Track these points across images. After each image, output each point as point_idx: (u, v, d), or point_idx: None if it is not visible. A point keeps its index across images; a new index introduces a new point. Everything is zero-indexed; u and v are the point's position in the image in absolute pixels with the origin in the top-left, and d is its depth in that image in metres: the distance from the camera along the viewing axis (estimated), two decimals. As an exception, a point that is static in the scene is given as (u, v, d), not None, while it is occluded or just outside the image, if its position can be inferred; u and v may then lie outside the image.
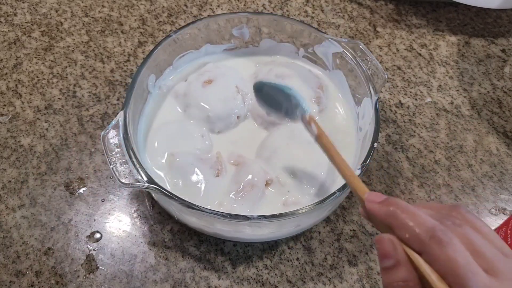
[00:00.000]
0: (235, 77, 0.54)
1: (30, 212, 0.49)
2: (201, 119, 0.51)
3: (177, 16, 0.67)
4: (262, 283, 0.47)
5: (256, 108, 0.52)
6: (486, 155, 0.56)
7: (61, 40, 0.63)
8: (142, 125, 0.51)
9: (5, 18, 0.65)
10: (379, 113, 0.47)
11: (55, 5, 0.67)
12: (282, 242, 0.49)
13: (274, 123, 0.51)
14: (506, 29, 0.69)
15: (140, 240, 0.48)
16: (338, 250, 0.49)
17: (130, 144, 0.43)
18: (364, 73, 0.50)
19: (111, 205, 0.50)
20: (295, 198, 0.46)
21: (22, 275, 0.46)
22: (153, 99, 0.53)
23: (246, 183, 0.46)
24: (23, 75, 0.59)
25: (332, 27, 0.67)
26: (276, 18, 0.55)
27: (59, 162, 0.53)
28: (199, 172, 0.47)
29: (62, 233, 0.48)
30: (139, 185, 0.41)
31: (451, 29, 0.68)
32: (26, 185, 0.51)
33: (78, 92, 0.58)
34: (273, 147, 0.49)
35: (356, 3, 0.70)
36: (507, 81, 0.63)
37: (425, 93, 0.61)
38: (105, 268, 0.46)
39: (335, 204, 0.47)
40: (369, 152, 0.44)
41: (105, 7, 0.67)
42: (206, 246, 0.48)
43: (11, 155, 0.53)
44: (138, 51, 0.63)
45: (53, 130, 0.55)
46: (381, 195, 0.31)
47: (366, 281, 0.47)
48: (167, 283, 0.46)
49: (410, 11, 0.70)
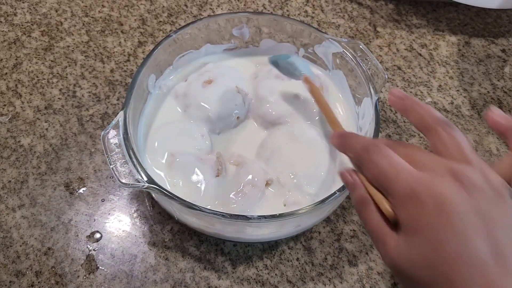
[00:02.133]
0: (235, 77, 0.54)
1: (30, 212, 0.49)
2: (201, 119, 0.51)
3: (177, 16, 0.67)
4: (262, 283, 0.46)
5: (255, 108, 0.53)
6: (486, 155, 0.56)
7: (61, 40, 0.63)
8: (142, 125, 0.51)
9: (5, 18, 0.65)
10: (379, 113, 0.47)
11: (55, 5, 0.67)
12: (282, 242, 0.49)
13: (274, 123, 0.51)
14: (506, 29, 0.69)
15: (140, 240, 0.48)
16: (338, 250, 0.49)
17: (130, 144, 0.43)
18: (364, 73, 0.50)
19: (111, 205, 0.50)
20: (295, 198, 0.46)
21: (22, 275, 0.46)
22: (153, 99, 0.53)
23: (246, 183, 0.46)
24: (23, 75, 0.59)
25: (332, 27, 0.67)
26: (276, 18, 0.55)
27: (59, 162, 0.53)
28: (199, 172, 0.47)
29: (62, 233, 0.48)
30: (139, 185, 0.41)
31: (451, 29, 0.68)
32: (26, 185, 0.51)
33: (78, 92, 0.58)
34: (273, 147, 0.49)
35: (356, 3, 0.70)
36: (507, 81, 0.63)
37: (425, 93, 0.61)
38: (105, 268, 0.46)
39: (335, 204, 0.47)
40: (369, 152, 0.44)
41: (105, 7, 0.67)
42: (206, 246, 0.48)
43: (11, 155, 0.53)
44: (138, 51, 0.62)
45: (53, 130, 0.55)
46: (342, 132, 0.38)
47: (366, 281, 0.47)
48: (167, 283, 0.46)
49: (410, 11, 0.70)
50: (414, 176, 0.29)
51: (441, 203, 0.28)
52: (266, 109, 0.52)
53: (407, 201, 0.29)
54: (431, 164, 0.30)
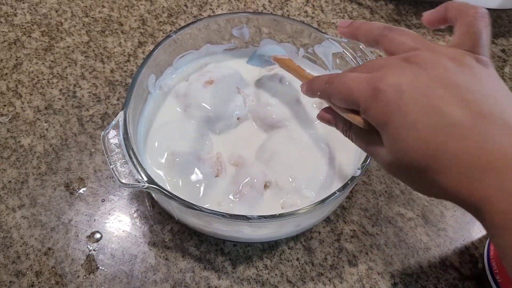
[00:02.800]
0: (236, 78, 0.54)
1: (30, 212, 0.49)
2: (201, 119, 0.51)
3: (177, 16, 0.67)
4: (262, 283, 0.47)
5: (256, 110, 0.53)
6: (486, 155, 0.56)
7: (61, 40, 0.63)
8: (142, 125, 0.51)
9: (5, 18, 0.65)
10: (379, 113, 0.47)
11: (55, 5, 0.67)
12: (282, 242, 0.49)
13: (273, 126, 0.51)
14: (506, 29, 0.69)
15: (140, 240, 0.48)
16: (338, 250, 0.49)
17: (130, 144, 0.43)
18: (364, 73, 0.50)
19: (111, 205, 0.50)
20: (293, 201, 0.46)
21: (22, 275, 0.46)
22: (153, 99, 0.53)
23: (245, 184, 0.46)
24: (23, 75, 0.59)
25: (332, 27, 0.67)
26: (276, 18, 0.55)
27: (59, 162, 0.53)
28: (198, 172, 0.47)
29: (62, 233, 0.48)
30: (139, 185, 0.41)
31: (451, 29, 0.68)
32: (26, 185, 0.51)
33: (78, 92, 0.58)
34: (272, 150, 0.49)
35: (356, 3, 0.70)
36: (507, 81, 0.63)
37: (425, 93, 0.61)
38: (105, 268, 0.46)
39: (335, 204, 0.47)
40: (369, 152, 0.44)
41: (105, 7, 0.67)
42: (206, 246, 0.48)
43: (11, 155, 0.53)
44: (138, 51, 0.63)
45: (53, 130, 0.55)
46: (309, 79, 0.40)
47: (366, 281, 0.47)
48: (167, 283, 0.46)
49: (410, 11, 0.70)
50: (371, 78, 0.30)
51: (399, 86, 0.28)
52: (267, 112, 0.52)
53: (371, 102, 0.30)
54: (386, 62, 0.31)
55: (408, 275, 0.48)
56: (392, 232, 0.50)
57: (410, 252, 0.49)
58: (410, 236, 0.50)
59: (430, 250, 0.49)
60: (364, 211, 0.51)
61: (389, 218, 0.51)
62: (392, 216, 0.51)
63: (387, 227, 0.50)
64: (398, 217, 0.51)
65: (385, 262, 0.48)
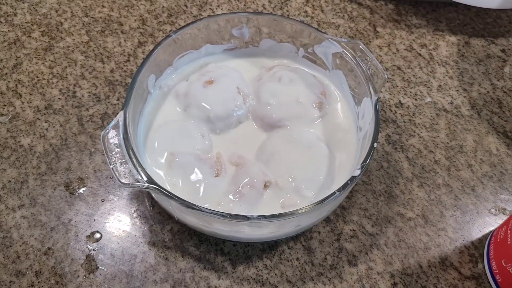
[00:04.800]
0: (237, 78, 0.54)
1: (30, 212, 0.49)
2: (201, 119, 0.51)
3: (177, 16, 0.67)
4: (262, 283, 0.47)
5: (256, 110, 0.53)
6: (486, 155, 0.56)
7: (61, 40, 0.63)
8: (142, 125, 0.51)
9: (5, 18, 0.65)
10: (379, 113, 0.47)
11: (55, 5, 0.67)
12: (282, 242, 0.49)
13: (273, 126, 0.51)
14: (506, 29, 0.69)
15: (140, 240, 0.48)
16: (338, 250, 0.49)
17: (130, 144, 0.43)
18: (364, 73, 0.50)
19: (111, 205, 0.50)
20: (293, 201, 0.46)
21: (22, 275, 0.46)
22: (153, 99, 0.53)
23: (245, 184, 0.46)
24: (23, 75, 0.59)
25: (332, 27, 0.67)
26: (276, 18, 0.55)
27: (59, 162, 0.53)
28: (198, 172, 0.47)
29: (62, 233, 0.48)
30: (139, 185, 0.41)
31: (451, 29, 0.68)
32: (26, 185, 0.51)
33: (78, 92, 0.58)
34: (272, 150, 0.49)
35: (356, 3, 0.70)
36: (507, 81, 0.63)
37: (425, 93, 0.61)
38: (105, 268, 0.46)
39: (335, 204, 0.47)
40: (369, 152, 0.44)
41: (105, 7, 0.67)
42: (206, 246, 0.48)
43: (11, 155, 0.53)
44: (138, 51, 0.63)
45: (53, 130, 0.55)
46: None
47: (366, 281, 0.47)
48: (167, 283, 0.46)
49: (410, 11, 0.70)
50: None
51: None
52: (267, 111, 0.52)
53: None
54: None
55: (408, 275, 0.48)
56: (392, 232, 0.50)
57: (410, 252, 0.49)
58: (410, 236, 0.50)
59: (430, 250, 0.49)
60: (364, 211, 0.51)
61: (389, 218, 0.51)
62: (392, 216, 0.51)
63: (387, 227, 0.50)
64: (398, 217, 0.51)
65: (385, 262, 0.48)
